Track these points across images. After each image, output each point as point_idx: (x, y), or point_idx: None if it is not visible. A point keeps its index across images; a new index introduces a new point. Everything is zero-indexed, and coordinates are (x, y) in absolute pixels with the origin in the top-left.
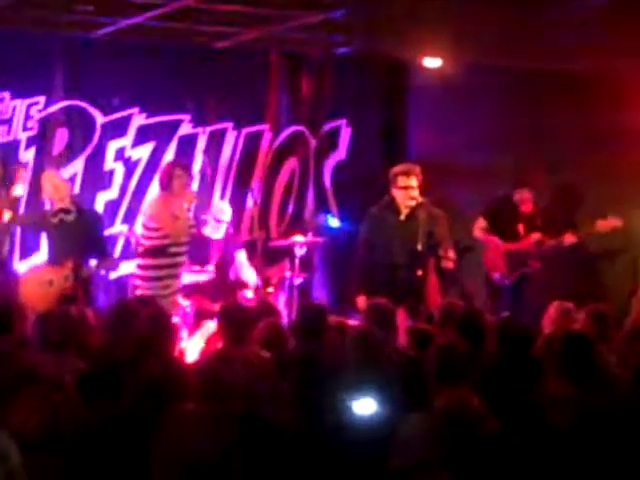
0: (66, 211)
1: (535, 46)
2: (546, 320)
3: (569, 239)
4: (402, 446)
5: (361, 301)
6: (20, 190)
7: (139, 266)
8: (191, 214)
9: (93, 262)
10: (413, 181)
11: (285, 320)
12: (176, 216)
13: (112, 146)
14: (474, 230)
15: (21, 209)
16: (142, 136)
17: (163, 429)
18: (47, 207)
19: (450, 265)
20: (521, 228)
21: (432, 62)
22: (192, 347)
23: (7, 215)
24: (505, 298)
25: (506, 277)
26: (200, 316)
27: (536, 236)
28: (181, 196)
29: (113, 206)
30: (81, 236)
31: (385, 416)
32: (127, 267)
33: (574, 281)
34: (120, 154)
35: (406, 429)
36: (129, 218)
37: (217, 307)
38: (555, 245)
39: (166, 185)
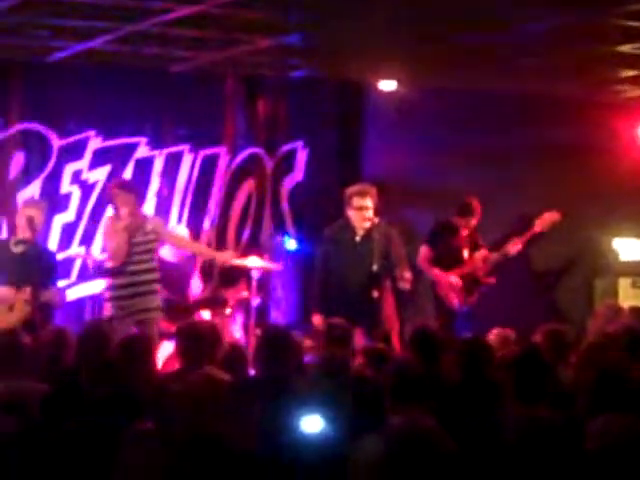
0: (26, 242)
1: (487, 69)
2: None
3: (513, 248)
4: (358, 468)
5: (317, 320)
6: None
7: (107, 288)
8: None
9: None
10: (368, 202)
11: (242, 341)
12: (116, 236)
13: (69, 169)
14: (419, 260)
15: None
16: (98, 159)
17: (122, 447)
18: (4, 235)
19: (406, 286)
20: (465, 252)
21: (387, 85)
22: None
23: None
24: (459, 322)
25: (465, 302)
26: (159, 336)
27: (481, 253)
28: (123, 215)
29: (70, 229)
30: (38, 266)
31: (337, 436)
32: (85, 289)
33: (529, 302)
34: (76, 177)
35: (361, 451)
36: (86, 240)
37: (174, 328)
38: (501, 257)
39: (112, 205)
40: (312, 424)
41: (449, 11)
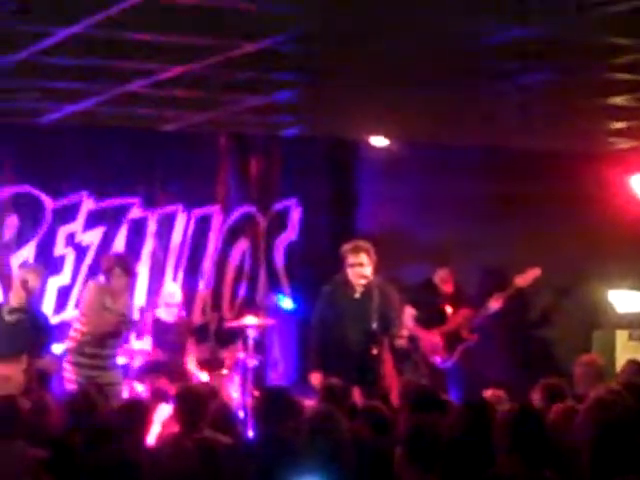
0: (19, 310)
1: (477, 123)
2: None
3: (494, 305)
4: None
5: (315, 378)
6: None
7: (68, 350)
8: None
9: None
10: (363, 258)
11: (240, 402)
12: (106, 307)
13: (62, 231)
14: (405, 319)
15: None
16: (92, 220)
17: None
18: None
19: (403, 343)
20: (448, 309)
21: (379, 140)
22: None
23: None
24: (448, 379)
25: (447, 359)
26: (156, 399)
27: (464, 312)
28: (117, 294)
29: (65, 291)
30: (32, 334)
31: None
32: None
33: (526, 357)
34: (70, 239)
35: None
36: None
37: (173, 390)
38: (483, 315)
39: (107, 278)
40: None
41: (437, 68)
